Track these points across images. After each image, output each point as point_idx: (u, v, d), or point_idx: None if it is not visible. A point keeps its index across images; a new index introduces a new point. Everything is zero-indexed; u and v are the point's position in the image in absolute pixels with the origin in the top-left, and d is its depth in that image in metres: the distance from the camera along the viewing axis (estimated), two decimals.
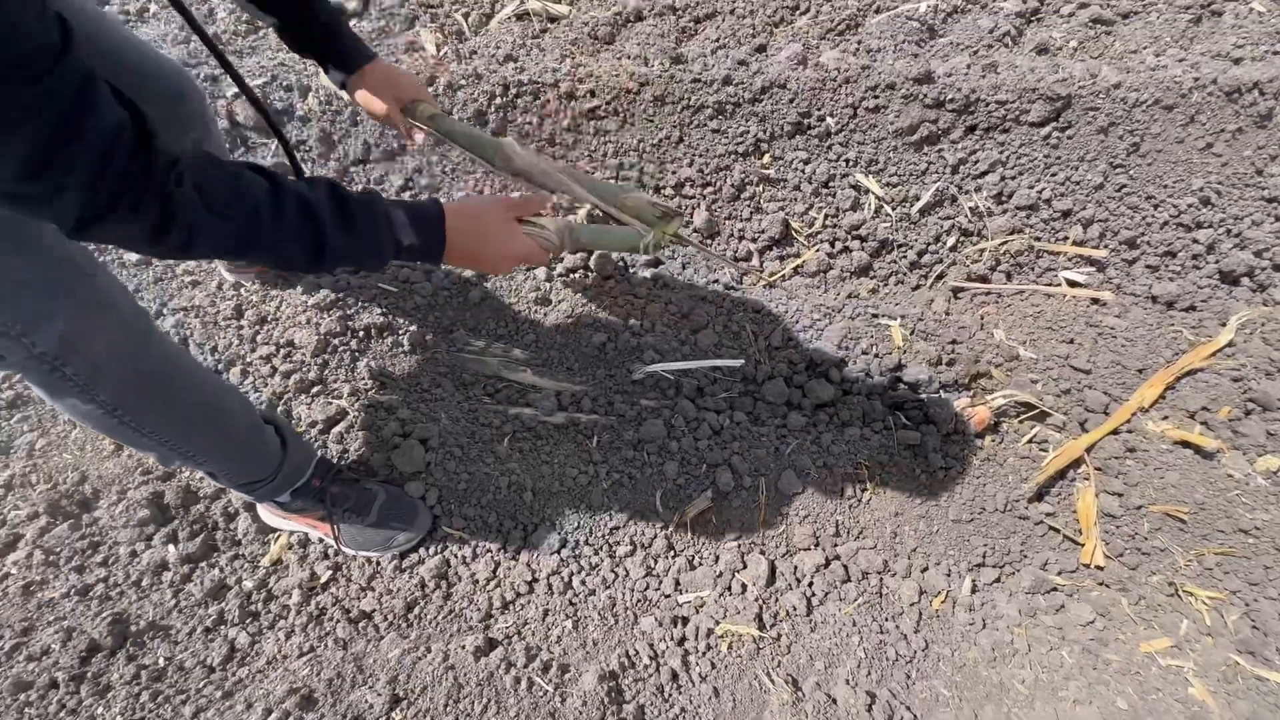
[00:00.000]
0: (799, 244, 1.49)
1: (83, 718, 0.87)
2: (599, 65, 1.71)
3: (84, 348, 0.70)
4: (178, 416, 0.83)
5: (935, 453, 1.18)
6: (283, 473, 0.98)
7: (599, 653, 0.98)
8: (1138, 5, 2.04)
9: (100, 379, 0.73)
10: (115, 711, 0.87)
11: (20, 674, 0.91)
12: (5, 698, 0.88)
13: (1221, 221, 1.42)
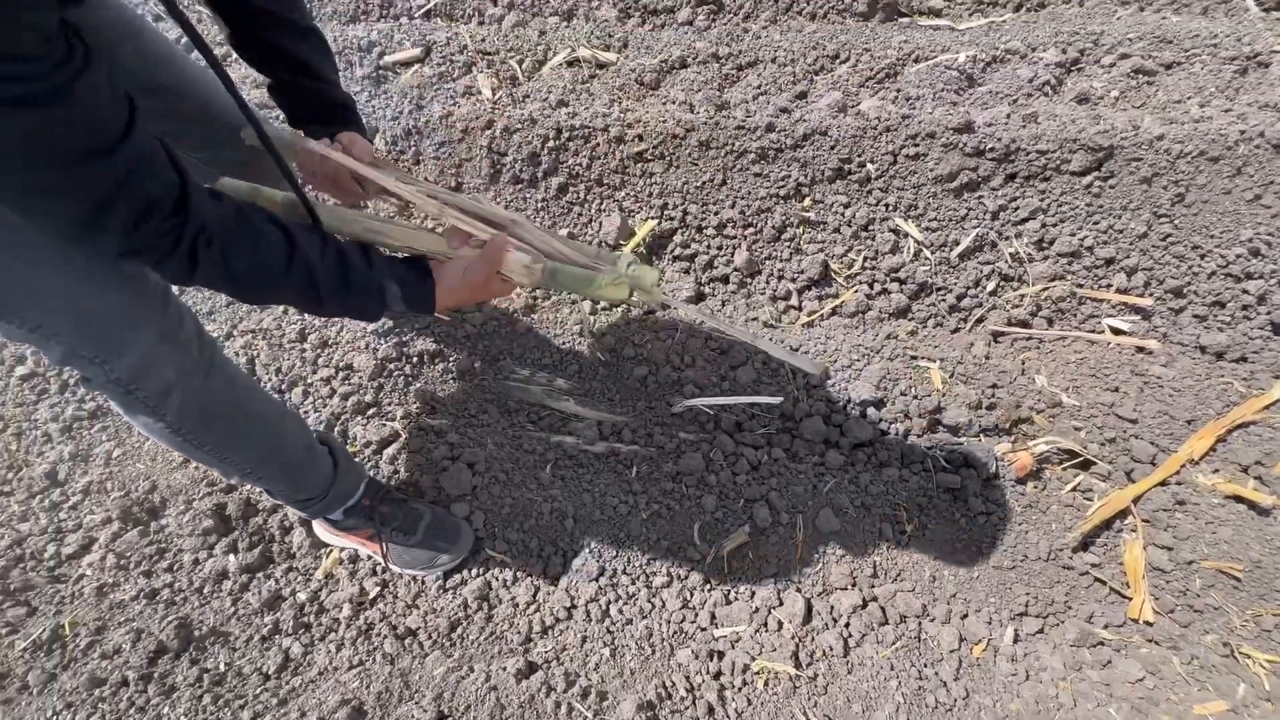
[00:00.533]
0: (838, 285, 1.52)
1: (150, 715, 0.92)
2: (646, 110, 1.80)
3: (154, 374, 0.78)
4: (237, 437, 0.90)
5: (975, 497, 1.18)
6: (334, 492, 1.04)
7: (636, 682, 0.99)
8: (1181, 56, 2.05)
9: (168, 401, 0.81)
10: (180, 712, 0.92)
11: (95, 670, 0.97)
12: (82, 692, 0.93)
13: (1273, 273, 1.40)
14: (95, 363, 0.75)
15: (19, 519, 1.28)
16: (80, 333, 0.73)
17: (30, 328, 0.71)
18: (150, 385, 0.79)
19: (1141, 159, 1.44)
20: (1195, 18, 2.21)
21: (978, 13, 2.33)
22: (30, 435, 1.43)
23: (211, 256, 0.65)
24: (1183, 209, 1.44)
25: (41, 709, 0.92)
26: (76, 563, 1.19)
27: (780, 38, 2.24)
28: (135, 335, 0.76)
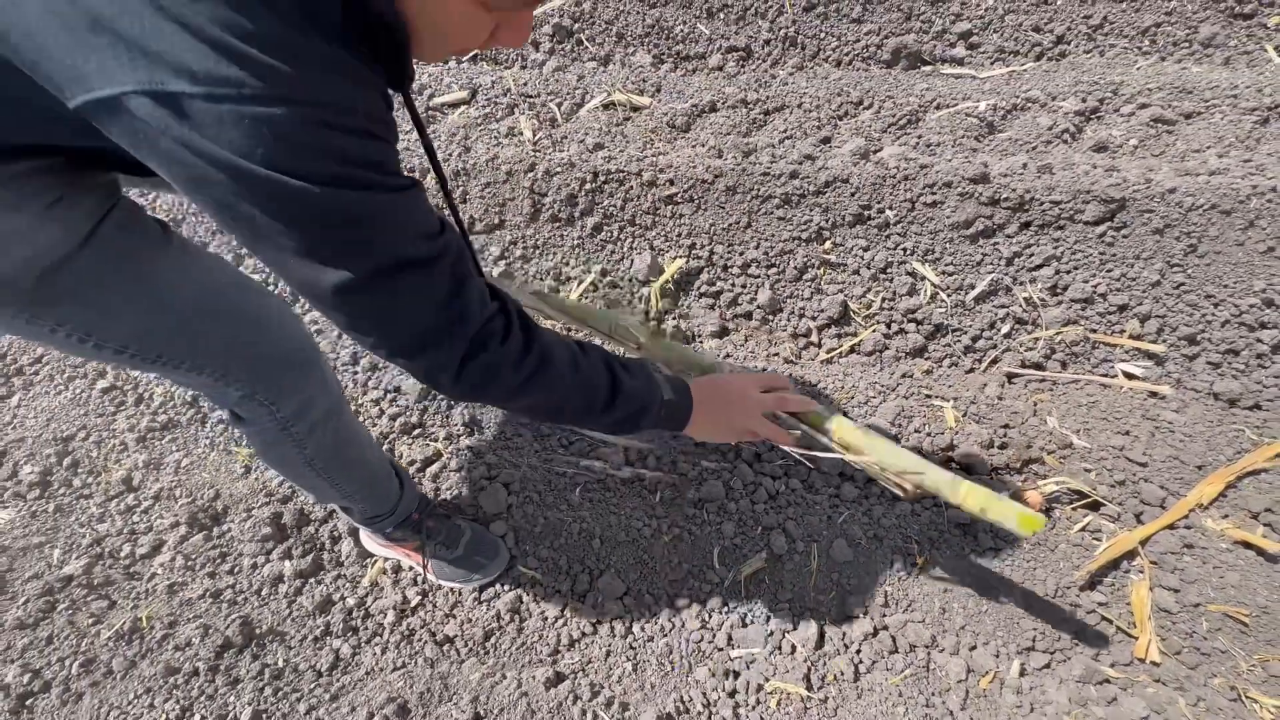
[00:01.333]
0: (856, 324, 1.60)
1: (218, 703, 1.02)
2: (677, 155, 1.91)
3: (308, 413, 0.88)
4: (350, 466, 1.01)
5: (985, 533, 1.23)
6: (400, 509, 1.15)
7: (656, 695, 1.06)
8: (1201, 106, 2.11)
9: (312, 436, 0.91)
10: (244, 701, 1.02)
11: (169, 660, 1.07)
12: (159, 679, 1.04)
13: None
14: (265, 404, 0.84)
15: (98, 520, 1.41)
16: (255, 378, 0.82)
17: (212, 376, 0.80)
18: (304, 423, 0.89)
19: (1154, 211, 1.49)
20: (1216, 68, 2.26)
21: (999, 61, 2.42)
22: (109, 444, 1.57)
23: (547, 376, 0.73)
24: (1195, 259, 1.49)
25: (124, 693, 1.03)
26: (149, 562, 1.31)
27: (806, 84, 2.35)
28: (298, 379, 0.86)
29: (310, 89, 0.52)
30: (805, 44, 2.54)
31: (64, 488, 1.50)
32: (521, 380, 0.71)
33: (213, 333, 0.78)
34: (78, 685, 1.04)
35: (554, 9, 2.72)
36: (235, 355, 0.80)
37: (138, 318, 0.74)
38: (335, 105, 0.53)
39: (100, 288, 0.71)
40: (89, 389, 1.70)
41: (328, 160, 0.53)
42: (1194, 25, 2.35)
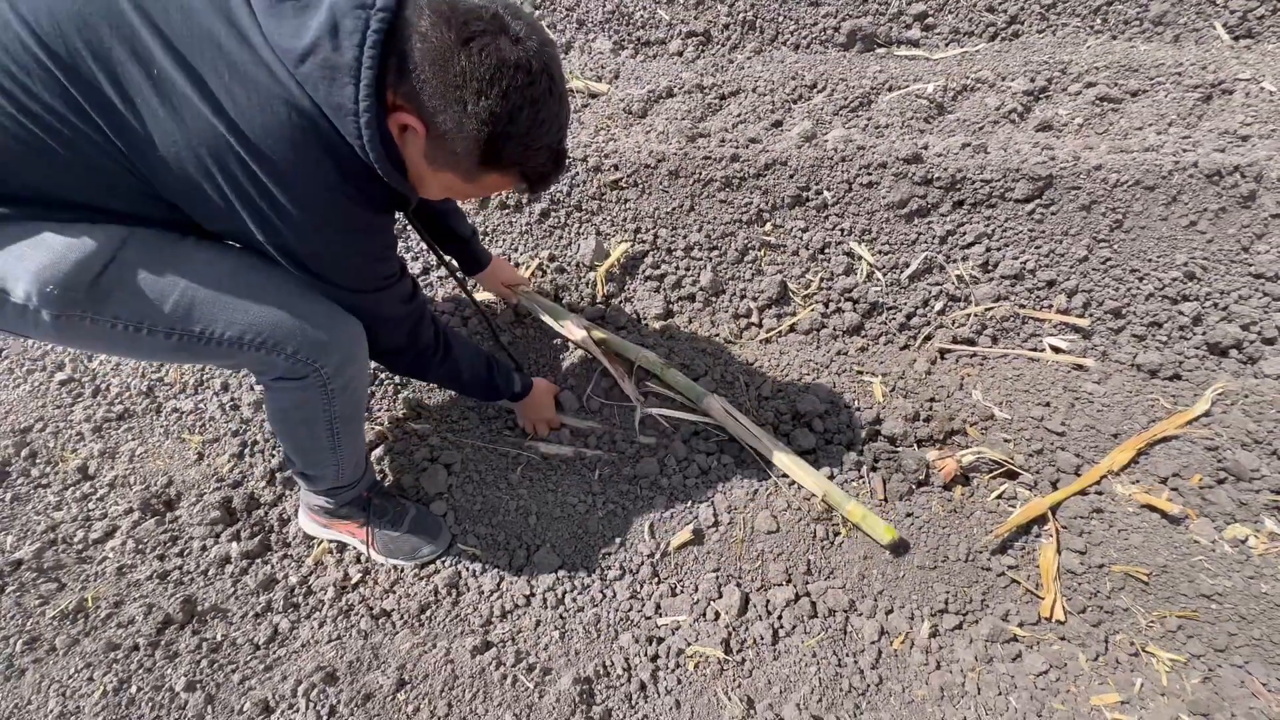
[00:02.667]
0: (795, 304, 1.63)
1: (155, 675, 1.06)
2: (626, 140, 1.94)
3: (348, 368, 0.98)
4: (356, 429, 1.11)
5: (902, 500, 1.28)
6: (361, 482, 1.21)
7: (579, 661, 1.11)
8: (1146, 84, 2.13)
9: (344, 394, 1.00)
10: (181, 673, 1.06)
11: (111, 637, 1.11)
12: (100, 654, 1.08)
13: (1208, 295, 1.47)
14: (311, 364, 0.93)
15: (54, 508, 1.45)
16: (298, 338, 0.90)
17: (256, 346, 0.88)
18: (342, 378, 0.97)
19: (1080, 188, 1.53)
20: (1164, 46, 2.28)
21: (953, 43, 2.44)
22: (66, 434, 1.61)
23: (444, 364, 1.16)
24: (1121, 234, 1.52)
25: (65, 668, 1.07)
26: (101, 546, 1.35)
27: (762, 68, 2.37)
28: (337, 334, 0.94)
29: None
30: (764, 27, 2.55)
31: (22, 477, 1.53)
32: (435, 375, 1.20)
33: (253, 301, 0.88)
34: (21, 662, 1.08)
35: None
36: (280, 319, 0.89)
37: (182, 294, 0.84)
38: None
39: (144, 274, 0.83)
40: (47, 381, 1.73)
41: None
42: (1144, 3, 2.38)
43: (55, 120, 0.75)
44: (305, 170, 0.78)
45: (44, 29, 0.72)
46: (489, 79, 0.74)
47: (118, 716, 1.00)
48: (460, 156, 0.81)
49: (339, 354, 0.95)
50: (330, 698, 1.02)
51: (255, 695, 1.02)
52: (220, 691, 1.04)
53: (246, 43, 0.74)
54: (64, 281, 0.79)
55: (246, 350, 0.89)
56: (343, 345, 0.95)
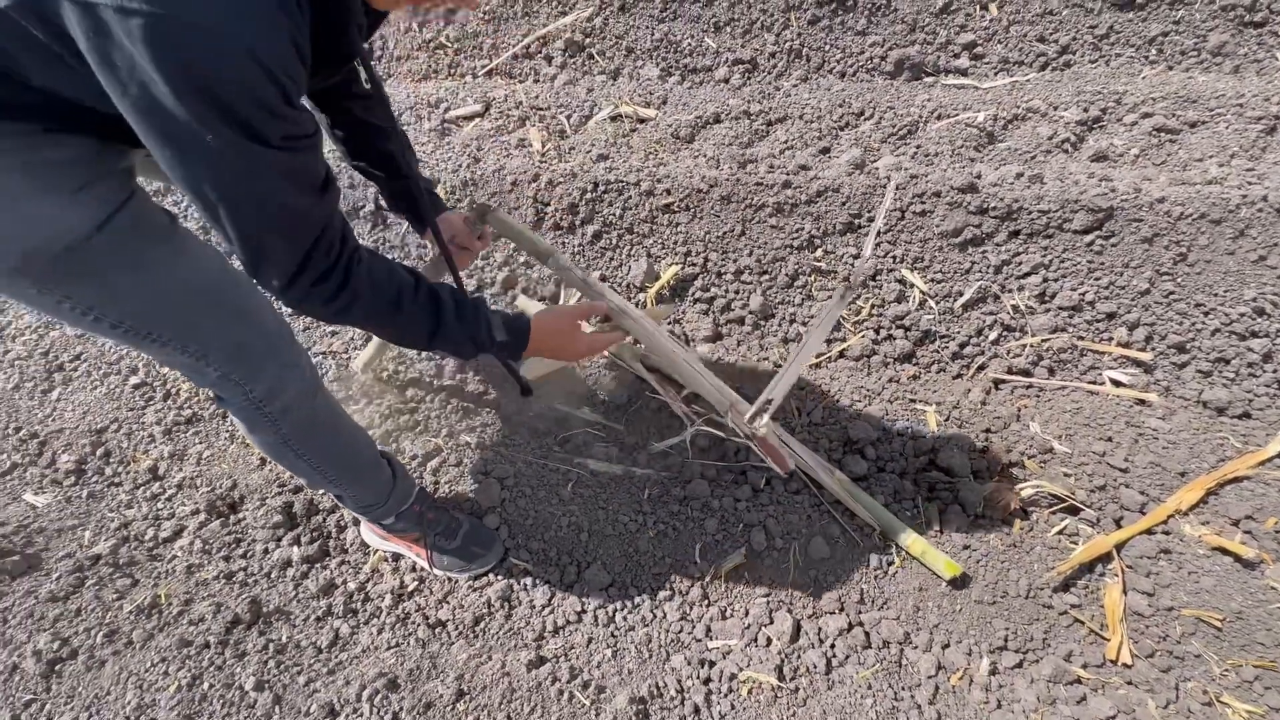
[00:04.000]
0: (846, 330, 1.63)
1: (226, 673, 1.10)
2: (677, 165, 1.98)
3: (280, 395, 0.96)
4: (329, 449, 1.09)
5: (960, 533, 1.26)
6: (392, 499, 1.22)
7: (632, 680, 1.11)
8: (1205, 115, 2.10)
9: (286, 417, 0.99)
10: (249, 672, 1.09)
11: (183, 634, 1.16)
12: (174, 650, 1.12)
13: (1278, 332, 1.43)
14: (239, 385, 0.93)
15: (125, 506, 1.52)
16: (232, 361, 0.91)
17: (194, 355, 0.89)
18: (276, 404, 0.97)
19: (1142, 220, 1.51)
20: (1224, 77, 2.24)
21: (1003, 72, 2.43)
22: (138, 436, 1.69)
23: (360, 271, 0.82)
24: (1185, 268, 1.50)
25: (142, 661, 1.12)
26: (170, 545, 1.41)
27: (808, 96, 2.39)
28: (271, 364, 0.94)
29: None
30: (810, 56, 2.59)
31: (96, 475, 1.61)
32: (333, 311, 0.84)
33: (200, 318, 0.87)
34: (101, 653, 1.13)
35: (566, 25, 2.81)
36: (216, 339, 0.89)
37: (137, 300, 0.82)
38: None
39: (108, 271, 0.79)
40: (122, 384, 1.82)
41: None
42: (1203, 34, 2.34)
43: None
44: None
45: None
46: None
47: (191, 712, 1.04)
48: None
49: (267, 381, 0.93)
50: (393, 704, 1.04)
51: (320, 698, 1.05)
52: (287, 693, 1.07)
53: None
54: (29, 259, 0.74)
55: (184, 357, 0.88)
56: (272, 372, 0.93)
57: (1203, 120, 2.07)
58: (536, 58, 2.81)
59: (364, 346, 1.69)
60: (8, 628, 1.17)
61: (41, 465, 1.66)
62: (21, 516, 1.47)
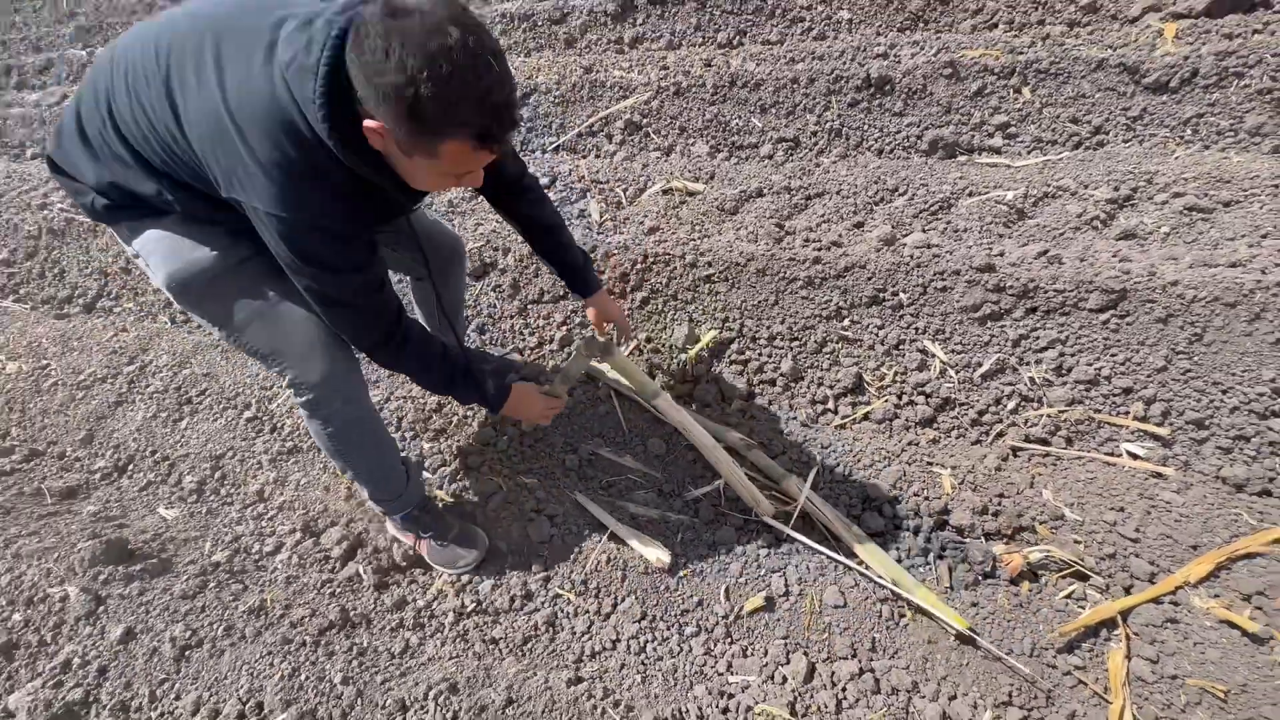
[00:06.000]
0: (870, 394, 1.76)
1: (319, 668, 1.31)
2: (719, 238, 2.19)
3: (330, 402, 1.29)
4: (363, 447, 1.39)
5: (969, 590, 1.34)
6: (398, 502, 1.50)
7: (658, 704, 1.25)
8: (1240, 195, 2.16)
9: (333, 419, 1.31)
10: (337, 669, 1.30)
11: (285, 633, 1.38)
12: (278, 645, 1.35)
13: None
14: (303, 389, 1.27)
15: (235, 523, 1.79)
16: (300, 373, 1.24)
17: (277, 367, 1.25)
18: (327, 409, 1.29)
19: (1155, 301, 1.60)
20: (1261, 157, 2.30)
21: (1036, 150, 2.57)
22: (249, 462, 1.98)
23: (404, 346, 1.22)
24: (1202, 348, 1.56)
25: (252, 653, 1.34)
26: (272, 558, 1.66)
27: (846, 172, 2.59)
28: (327, 381, 1.26)
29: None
30: (849, 135, 2.80)
31: (214, 495, 1.91)
32: (383, 364, 1.28)
33: (282, 339, 1.22)
34: (221, 644, 1.37)
35: (626, 107, 3.14)
36: (291, 358, 1.23)
37: (243, 320, 1.22)
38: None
39: (229, 295, 1.20)
40: (237, 418, 2.14)
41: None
42: (1239, 115, 2.41)
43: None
44: (270, 143, 0.96)
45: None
46: (385, 55, 0.82)
47: (290, 698, 1.25)
48: (404, 137, 0.89)
49: (321, 389, 1.26)
50: (453, 705, 1.22)
51: (394, 695, 1.24)
52: (367, 689, 1.26)
53: (269, 62, 0.96)
54: (182, 281, 1.19)
55: (268, 364, 1.26)
56: (325, 383, 1.25)
57: (1236, 200, 2.12)
58: (599, 135, 3.14)
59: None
60: (150, 617, 1.43)
61: (170, 484, 1.97)
62: (156, 526, 1.77)
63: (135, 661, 1.35)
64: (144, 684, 1.32)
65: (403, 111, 0.85)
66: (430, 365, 1.27)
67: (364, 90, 0.88)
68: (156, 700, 1.30)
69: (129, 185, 1.14)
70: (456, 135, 0.90)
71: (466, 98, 0.85)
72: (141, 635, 1.39)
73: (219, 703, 1.26)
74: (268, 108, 0.96)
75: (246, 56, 0.97)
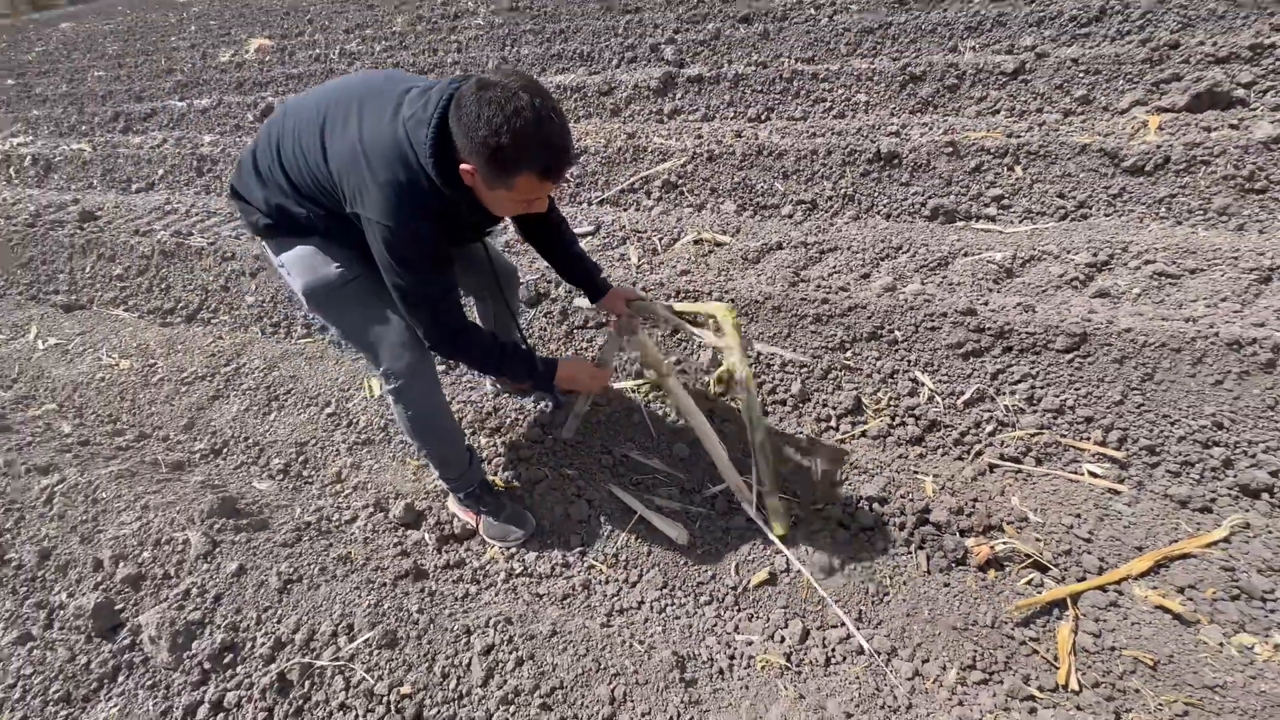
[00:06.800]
0: (867, 415, 2.04)
1: (397, 602, 1.58)
2: (742, 281, 2.53)
3: (411, 389, 1.60)
4: (436, 430, 1.69)
5: (941, 573, 1.58)
6: (462, 480, 1.79)
7: (675, 645, 1.49)
8: (1204, 264, 2.45)
9: (413, 405, 1.62)
10: (412, 602, 1.57)
11: (368, 577, 1.67)
12: (363, 585, 1.63)
13: (1236, 443, 1.71)
14: (391, 378, 1.58)
15: (317, 498, 2.10)
16: (390, 365, 1.57)
17: (376, 360, 1.59)
18: (408, 395, 1.60)
19: (1112, 345, 1.87)
20: (1225, 233, 2.59)
21: (1026, 220, 2.90)
22: (328, 450, 2.31)
23: (465, 337, 1.51)
24: (1153, 385, 1.83)
25: (343, 588, 1.63)
26: (349, 527, 1.96)
27: (856, 232, 2.94)
28: (410, 371, 1.58)
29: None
30: (861, 200, 3.18)
31: (298, 475, 2.23)
32: (447, 354, 1.55)
33: (380, 338, 1.57)
34: (316, 580, 1.66)
35: (664, 169, 3.58)
36: (385, 353, 1.57)
37: (357, 325, 1.57)
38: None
39: (347, 304, 1.55)
40: (319, 414, 2.49)
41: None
42: (1208, 197, 2.72)
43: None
44: (388, 169, 1.29)
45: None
46: (477, 116, 1.15)
47: (376, 621, 1.53)
48: (488, 175, 1.22)
49: (405, 378, 1.57)
50: (509, 631, 1.48)
51: (460, 623, 1.51)
52: (438, 618, 1.53)
53: (395, 116, 1.32)
54: (310, 292, 1.56)
55: (368, 356, 1.60)
56: (409, 373, 1.57)
57: (1200, 268, 2.41)
58: (639, 192, 3.57)
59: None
60: (257, 558, 1.73)
61: (260, 465, 2.31)
62: (255, 495, 2.09)
63: (245, 591, 1.65)
64: (252, 609, 1.60)
65: (488, 155, 1.18)
66: (486, 350, 1.53)
67: (461, 141, 1.22)
68: (262, 622, 1.58)
69: (286, 207, 1.52)
70: (527, 171, 1.20)
71: (534, 143, 1.16)
72: (251, 571, 1.69)
73: (315, 625, 1.54)
74: (390, 146, 1.30)
75: (378, 113, 1.35)
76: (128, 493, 1.99)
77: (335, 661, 1.46)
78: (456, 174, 1.28)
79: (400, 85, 1.38)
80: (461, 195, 1.33)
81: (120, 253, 3.79)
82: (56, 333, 3.38)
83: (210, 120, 6.09)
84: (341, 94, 1.43)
